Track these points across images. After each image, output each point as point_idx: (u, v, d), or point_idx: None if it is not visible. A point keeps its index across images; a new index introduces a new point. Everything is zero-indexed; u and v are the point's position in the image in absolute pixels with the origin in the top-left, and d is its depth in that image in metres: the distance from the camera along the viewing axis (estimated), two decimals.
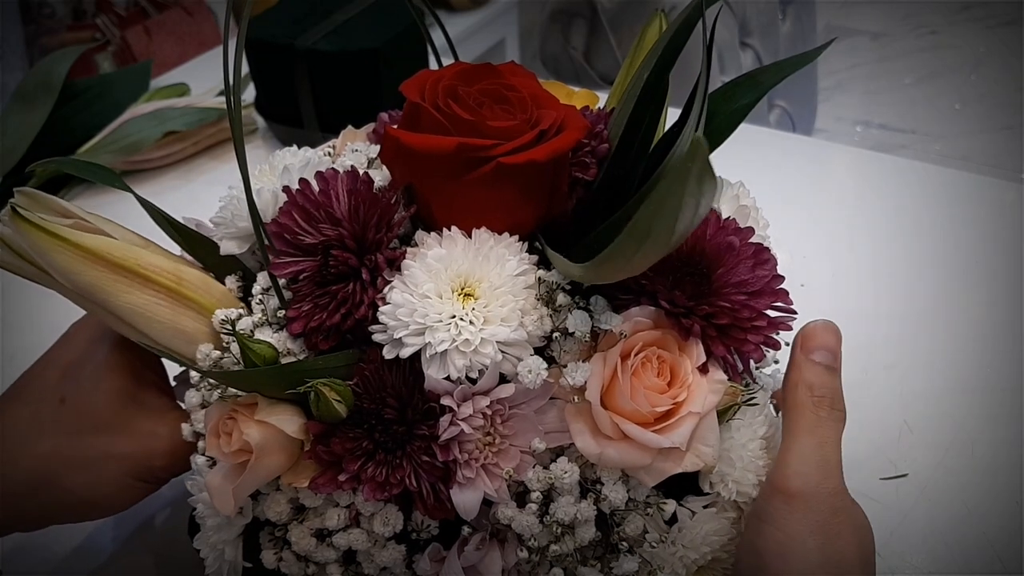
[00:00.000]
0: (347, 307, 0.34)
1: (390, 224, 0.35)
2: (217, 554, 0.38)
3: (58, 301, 0.39)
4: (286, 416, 0.34)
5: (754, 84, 0.39)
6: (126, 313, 0.36)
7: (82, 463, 0.39)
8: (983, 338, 0.63)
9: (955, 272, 0.69)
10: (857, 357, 0.60)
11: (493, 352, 0.32)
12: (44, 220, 0.35)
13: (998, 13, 2.47)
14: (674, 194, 0.25)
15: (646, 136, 0.37)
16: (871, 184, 0.81)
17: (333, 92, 0.80)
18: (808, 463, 0.34)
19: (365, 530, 0.35)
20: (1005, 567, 0.48)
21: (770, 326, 0.35)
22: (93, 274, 0.36)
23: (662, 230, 0.26)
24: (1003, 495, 0.51)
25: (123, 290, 0.36)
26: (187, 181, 0.84)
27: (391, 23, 0.81)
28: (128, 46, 1.52)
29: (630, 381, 0.33)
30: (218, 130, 0.88)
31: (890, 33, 2.44)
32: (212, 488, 0.35)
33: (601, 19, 1.17)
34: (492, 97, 0.35)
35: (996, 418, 0.56)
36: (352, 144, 0.43)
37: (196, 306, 0.37)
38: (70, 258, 0.35)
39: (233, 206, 0.39)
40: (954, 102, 2.16)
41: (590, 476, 0.35)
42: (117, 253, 0.36)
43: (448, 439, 0.33)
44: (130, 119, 0.85)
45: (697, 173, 0.24)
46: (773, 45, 1.20)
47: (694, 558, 0.36)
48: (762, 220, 0.40)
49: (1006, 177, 0.85)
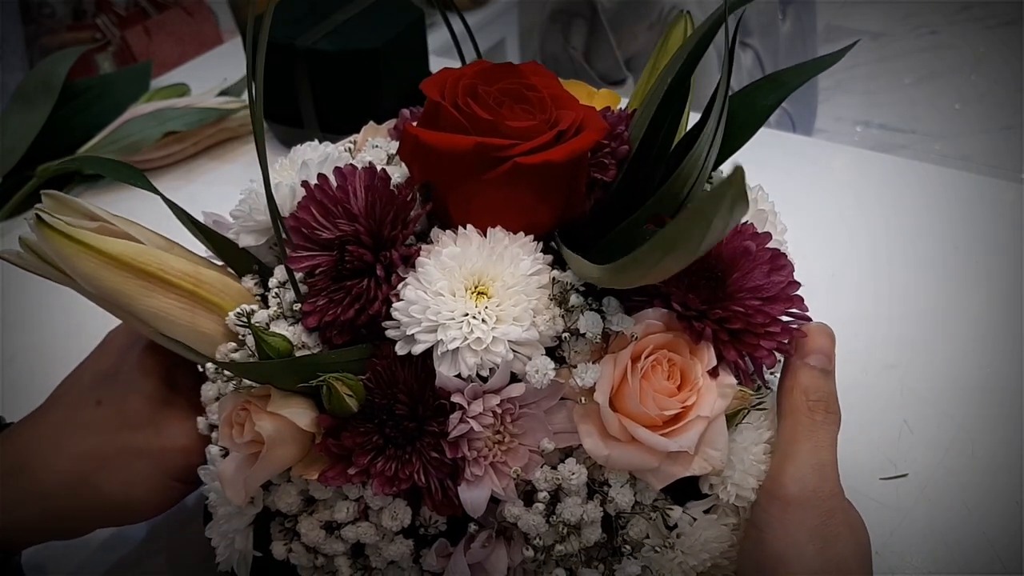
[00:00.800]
0: (361, 302, 0.34)
1: (406, 221, 0.35)
2: (228, 543, 0.39)
3: (58, 301, 0.39)
4: (298, 409, 0.34)
5: (777, 86, 0.39)
6: (147, 316, 0.37)
7: (118, 461, 0.40)
8: (983, 338, 0.63)
9: (955, 272, 0.69)
10: (857, 357, 0.60)
11: (504, 351, 0.33)
12: (68, 226, 0.36)
13: (998, 13, 2.47)
14: (707, 215, 0.25)
15: (666, 138, 0.37)
16: (871, 184, 0.81)
17: (333, 92, 0.80)
18: (804, 468, 0.35)
19: (373, 524, 0.36)
20: (1005, 567, 0.48)
21: (784, 332, 0.35)
22: (115, 279, 0.37)
23: (688, 245, 0.27)
24: (1003, 495, 0.52)
25: (144, 295, 0.37)
26: (187, 181, 0.84)
27: (391, 23, 0.81)
28: (128, 46, 1.52)
29: (640, 384, 0.34)
30: (218, 130, 0.88)
31: (890, 33, 2.44)
32: (224, 478, 0.36)
33: (601, 19, 1.17)
34: (512, 97, 0.35)
35: (996, 418, 0.56)
36: (373, 140, 0.44)
37: (214, 307, 0.38)
38: (93, 264, 0.36)
39: (252, 200, 0.39)
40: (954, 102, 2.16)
41: (598, 478, 0.35)
42: (140, 259, 0.37)
43: (457, 436, 0.33)
44: (130, 119, 0.85)
45: (732, 198, 0.24)
46: (773, 45, 1.20)
47: (693, 564, 0.36)
48: (780, 225, 0.40)
49: (1006, 177, 0.85)
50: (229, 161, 0.87)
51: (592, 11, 1.18)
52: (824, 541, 0.33)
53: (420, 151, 0.36)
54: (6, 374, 0.61)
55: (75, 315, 0.44)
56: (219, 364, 0.36)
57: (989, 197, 0.78)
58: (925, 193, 0.79)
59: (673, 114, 0.37)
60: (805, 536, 0.33)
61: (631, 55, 1.20)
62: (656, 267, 0.29)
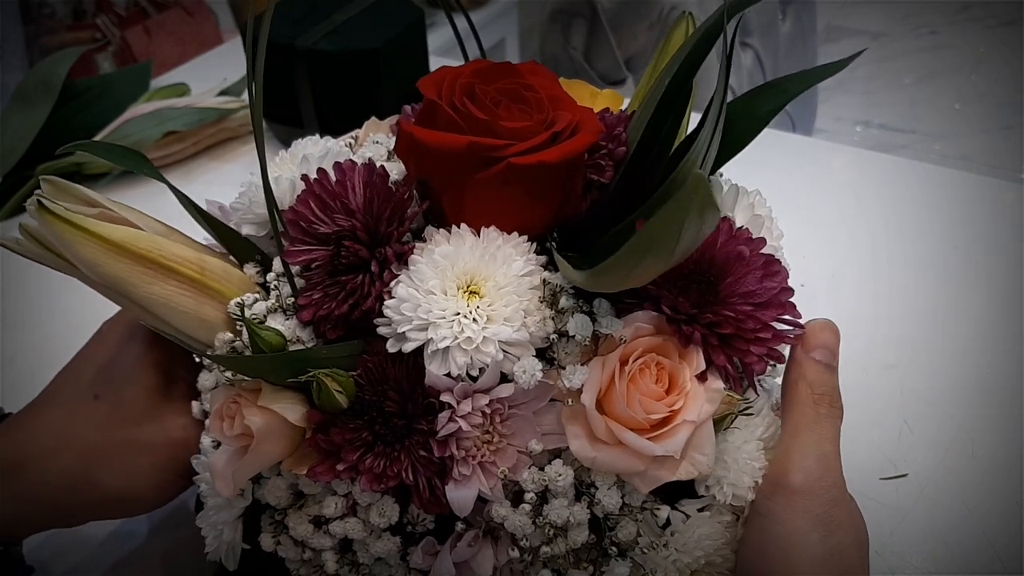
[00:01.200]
0: (355, 298, 0.34)
1: (402, 218, 0.35)
2: (216, 533, 0.39)
3: (59, 302, 0.39)
4: (288, 404, 0.34)
5: (779, 92, 0.39)
6: (150, 303, 0.37)
7: (116, 456, 0.40)
8: (983, 338, 0.63)
9: (955, 272, 0.69)
10: (857, 357, 0.60)
11: (494, 351, 0.32)
12: (69, 212, 0.35)
13: (998, 13, 2.47)
14: (675, 220, 0.25)
15: (666, 141, 0.37)
16: (871, 184, 0.81)
17: (333, 92, 0.80)
18: (808, 458, 0.35)
19: (361, 520, 0.36)
20: (1005, 567, 0.48)
21: (775, 338, 0.35)
22: (117, 266, 0.36)
23: (663, 249, 0.27)
24: (1003, 495, 0.51)
25: (147, 281, 0.37)
26: (187, 181, 0.84)
27: (391, 23, 0.81)
28: (128, 46, 1.52)
29: (627, 387, 0.33)
30: (218, 130, 0.88)
31: (890, 33, 2.44)
32: (214, 469, 0.36)
33: (601, 19, 1.17)
34: (510, 96, 0.35)
35: (996, 418, 0.56)
36: (374, 136, 0.44)
37: (218, 295, 0.38)
38: (94, 250, 0.36)
39: (252, 192, 0.39)
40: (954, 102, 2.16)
41: (585, 480, 0.35)
42: (141, 244, 0.37)
43: (446, 435, 0.33)
44: (130, 119, 0.85)
45: (698, 205, 0.24)
46: (773, 45, 1.20)
47: (687, 562, 0.36)
48: (776, 231, 0.40)
49: (1006, 177, 0.85)
50: (229, 161, 0.87)
51: (592, 11, 1.18)
52: (827, 530, 0.34)
53: (415, 149, 0.36)
54: (6, 374, 0.61)
55: (75, 315, 0.44)
56: (210, 358, 0.36)
57: (989, 197, 0.78)
58: (925, 193, 0.79)
59: (673, 116, 0.37)
60: (808, 525, 0.34)
61: (631, 55, 1.20)
62: (633, 271, 0.29)
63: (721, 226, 0.36)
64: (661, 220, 0.26)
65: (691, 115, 0.41)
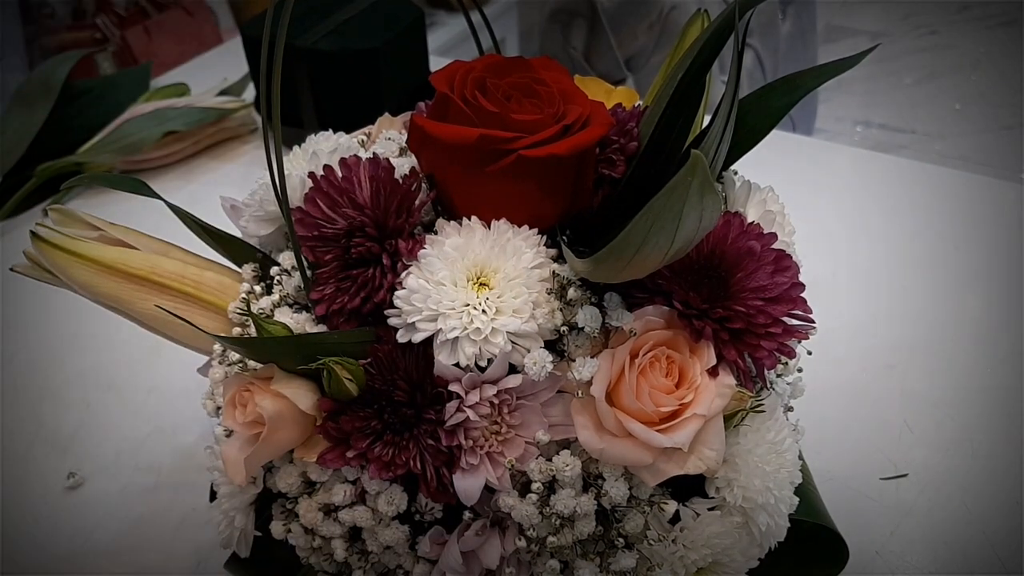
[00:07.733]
0: (367, 291, 0.34)
1: (410, 210, 0.36)
2: (228, 520, 0.39)
3: (59, 302, 0.39)
4: (301, 391, 0.35)
5: (791, 88, 0.39)
6: (145, 317, 0.40)
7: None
8: (983, 338, 0.63)
9: (955, 272, 0.69)
10: (857, 357, 0.60)
11: (503, 342, 0.33)
12: (63, 238, 0.39)
13: (998, 13, 2.47)
14: (672, 206, 0.25)
15: (679, 136, 0.37)
16: (871, 184, 0.81)
17: (333, 91, 0.80)
18: None
19: (370, 508, 0.36)
20: (1005, 567, 0.48)
21: (785, 333, 0.35)
22: (110, 285, 0.39)
23: (663, 232, 0.26)
24: (1003, 495, 0.52)
25: (140, 297, 0.39)
26: (187, 181, 0.84)
27: (391, 23, 0.81)
28: (128, 46, 1.52)
29: (637, 379, 0.34)
30: (218, 130, 0.88)
31: (890, 33, 2.44)
32: (226, 458, 0.36)
33: (601, 19, 1.17)
34: (521, 90, 0.36)
35: (996, 418, 0.56)
36: (386, 132, 0.44)
37: (212, 307, 0.40)
38: (88, 272, 0.39)
39: (263, 190, 0.40)
40: (954, 102, 2.16)
41: (593, 471, 0.35)
42: (133, 264, 0.39)
43: (454, 425, 0.34)
44: (130, 119, 0.85)
45: (698, 187, 0.24)
46: (773, 44, 1.20)
47: (694, 559, 0.36)
48: (788, 227, 0.40)
49: (1006, 177, 0.85)
50: (229, 161, 0.87)
51: (592, 11, 1.18)
52: None
53: (427, 142, 0.36)
54: (6, 374, 0.61)
55: (75, 315, 0.44)
56: (225, 340, 0.37)
57: (989, 197, 0.78)
58: (925, 193, 0.79)
59: (686, 112, 0.37)
60: None
61: (631, 55, 1.20)
62: (634, 258, 0.29)
63: (732, 221, 0.36)
64: (661, 201, 0.26)
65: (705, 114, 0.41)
